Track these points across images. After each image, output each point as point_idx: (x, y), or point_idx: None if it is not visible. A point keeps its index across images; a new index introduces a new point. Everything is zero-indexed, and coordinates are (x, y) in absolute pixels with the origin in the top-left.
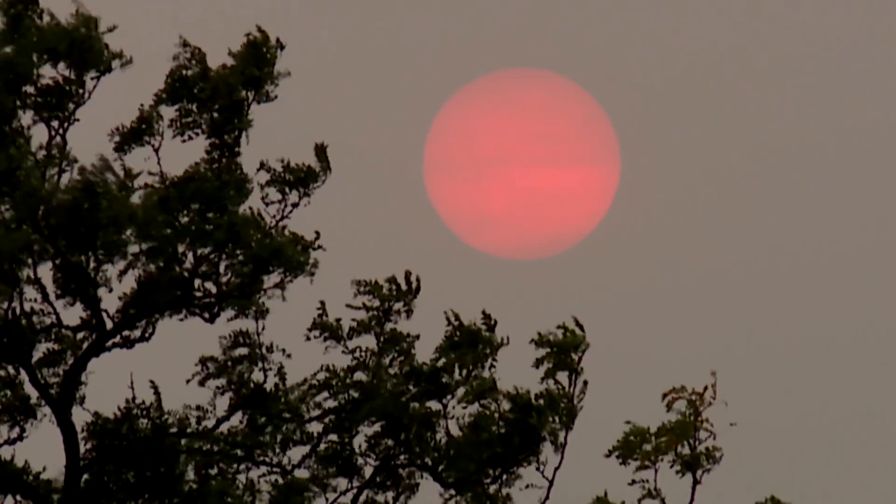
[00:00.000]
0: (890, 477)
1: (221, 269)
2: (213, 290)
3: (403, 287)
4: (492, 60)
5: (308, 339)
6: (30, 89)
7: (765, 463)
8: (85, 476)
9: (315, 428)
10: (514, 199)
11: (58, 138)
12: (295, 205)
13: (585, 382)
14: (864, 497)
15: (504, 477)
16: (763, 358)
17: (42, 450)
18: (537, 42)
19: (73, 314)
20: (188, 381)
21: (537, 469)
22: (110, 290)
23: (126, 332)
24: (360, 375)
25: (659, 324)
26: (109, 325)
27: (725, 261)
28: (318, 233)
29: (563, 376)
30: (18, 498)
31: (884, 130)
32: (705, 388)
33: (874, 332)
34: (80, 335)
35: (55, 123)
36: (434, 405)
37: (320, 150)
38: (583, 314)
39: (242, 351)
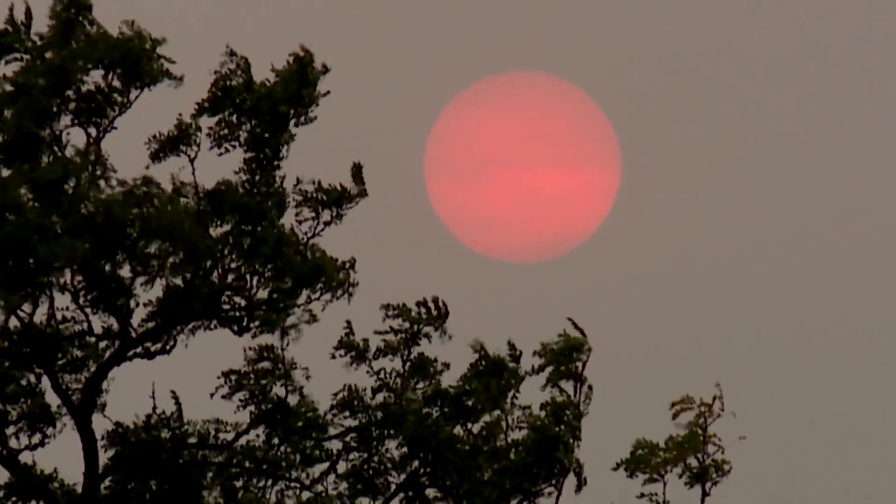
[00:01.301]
0: None
1: (253, 282)
2: (243, 303)
3: (433, 311)
4: (493, 63)
5: (333, 357)
6: (70, 94)
7: (774, 472)
8: (104, 484)
9: (334, 445)
10: (514, 200)
11: (94, 146)
12: (327, 223)
13: (591, 387)
14: None
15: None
16: (767, 359)
17: (62, 456)
18: (537, 45)
19: (96, 322)
20: (212, 395)
21: (543, 492)
22: (137, 305)
23: (148, 344)
24: (381, 397)
25: (665, 326)
26: (133, 334)
27: (731, 261)
28: (354, 258)
29: (569, 384)
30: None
31: (884, 130)
32: (713, 399)
33: (881, 334)
34: (102, 344)
35: (92, 130)
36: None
37: (356, 171)
38: (586, 319)
39: (266, 365)
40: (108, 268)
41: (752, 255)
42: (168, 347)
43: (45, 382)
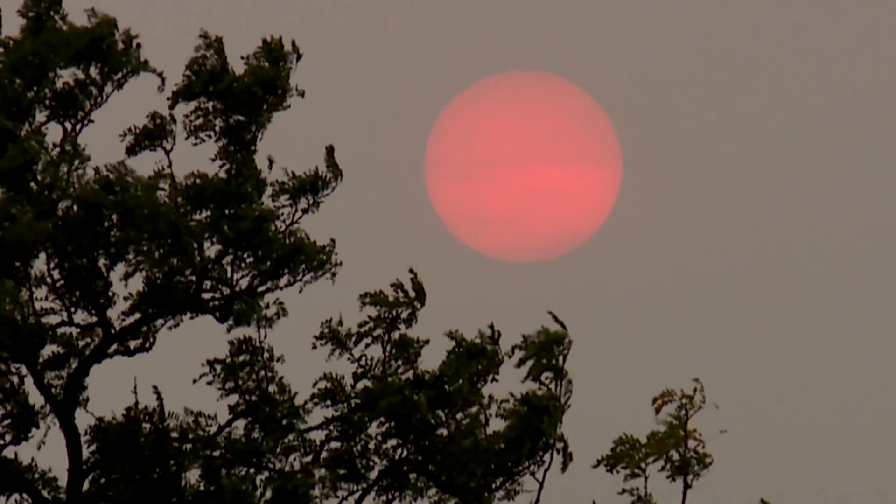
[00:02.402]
0: (882, 479)
1: (232, 268)
2: (225, 290)
3: (411, 292)
4: (493, 62)
5: (315, 347)
6: (46, 90)
7: (756, 465)
8: (88, 479)
9: (317, 436)
10: (515, 199)
11: (71, 139)
12: (305, 210)
13: (570, 381)
14: (856, 499)
15: (508, 483)
16: (768, 358)
17: (46, 453)
18: (538, 44)
19: (78, 317)
20: (195, 381)
21: (528, 471)
22: (115, 296)
23: (129, 342)
24: (364, 384)
25: (665, 326)
26: (113, 329)
27: (731, 261)
28: (333, 240)
29: (552, 383)
30: (25, 496)
31: (884, 129)
32: (694, 391)
33: (874, 334)
34: (83, 341)
35: (68, 124)
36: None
37: (329, 153)
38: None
39: (245, 357)
40: (85, 261)
41: (751, 255)
42: (148, 345)
43: (28, 384)
